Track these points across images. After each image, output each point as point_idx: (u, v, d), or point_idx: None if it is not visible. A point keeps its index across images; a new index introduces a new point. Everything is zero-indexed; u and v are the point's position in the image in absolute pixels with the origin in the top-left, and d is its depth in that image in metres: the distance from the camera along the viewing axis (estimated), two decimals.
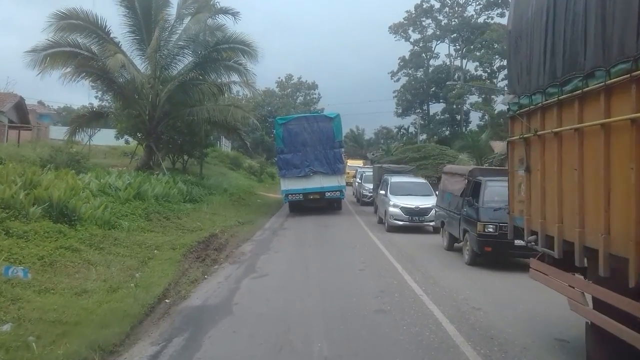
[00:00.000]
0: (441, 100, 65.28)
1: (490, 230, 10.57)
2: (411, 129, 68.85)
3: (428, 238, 15.88)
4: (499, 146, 36.05)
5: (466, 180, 12.00)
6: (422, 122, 64.16)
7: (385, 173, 21.68)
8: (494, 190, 11.06)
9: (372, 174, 27.34)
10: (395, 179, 18.64)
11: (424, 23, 65.85)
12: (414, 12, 65.21)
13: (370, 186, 26.17)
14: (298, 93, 73.18)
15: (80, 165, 21.07)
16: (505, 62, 61.50)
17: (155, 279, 9.55)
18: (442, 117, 65.45)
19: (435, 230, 16.76)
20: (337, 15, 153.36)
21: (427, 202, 16.77)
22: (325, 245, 14.28)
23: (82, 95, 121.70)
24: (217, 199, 23.67)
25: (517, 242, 10.35)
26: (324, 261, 11.83)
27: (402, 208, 16.51)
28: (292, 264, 11.59)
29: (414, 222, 16.53)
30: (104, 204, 13.68)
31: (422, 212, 16.47)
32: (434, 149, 43.37)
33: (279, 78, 74.23)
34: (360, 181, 28.42)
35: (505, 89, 56.76)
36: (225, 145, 49.73)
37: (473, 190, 11.56)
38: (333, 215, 22.39)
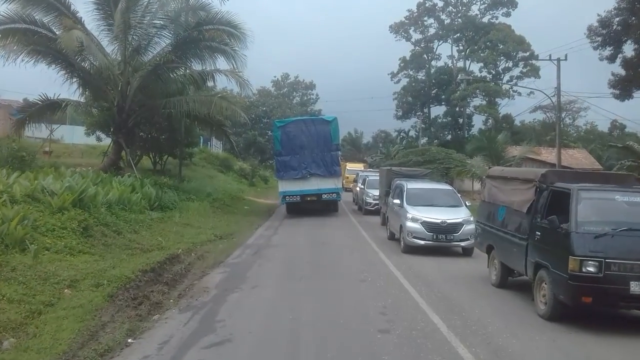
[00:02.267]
0: (443, 103, 61.31)
1: (591, 270, 6.39)
2: (411, 133, 64.91)
3: (460, 264, 11.66)
4: (512, 150, 32.05)
5: (536, 189, 7.81)
6: (423, 126, 60.12)
7: (396, 177, 17.45)
8: (594, 206, 6.91)
9: (376, 178, 23.25)
10: (412, 185, 14.27)
11: (425, 22, 61.95)
12: (415, 10, 61.31)
13: (375, 192, 21.98)
14: (295, 93, 68.89)
15: (24, 164, 16.92)
16: (510, 64, 58.07)
17: (30, 356, 5.37)
18: (444, 120, 61.37)
19: (465, 252, 12.62)
20: (332, 20, 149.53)
21: (456, 215, 12.57)
22: (324, 276, 10.05)
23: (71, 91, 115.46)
24: (195, 205, 19.48)
25: (635, 288, 6.32)
26: (322, 310, 7.59)
27: (423, 223, 12.29)
28: (274, 315, 7.35)
29: (440, 242, 12.31)
30: (20, 215, 9.47)
31: (450, 229, 12.25)
32: (439, 153, 39.37)
33: (275, 77, 70.10)
34: (362, 186, 24.12)
35: (512, 89, 52.99)
36: (216, 146, 45.47)
37: (551, 203, 7.39)
38: (332, 228, 18.21)
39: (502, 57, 55.95)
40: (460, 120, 59.53)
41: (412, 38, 62.46)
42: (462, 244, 12.30)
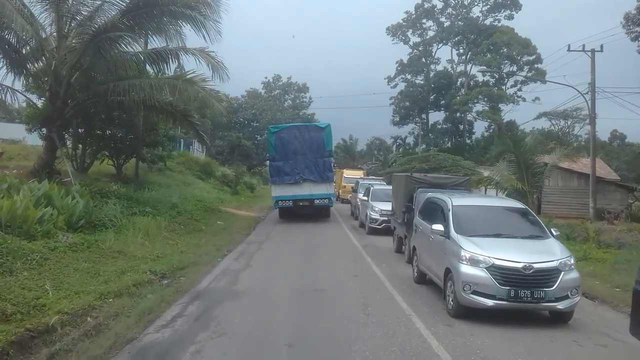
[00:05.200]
0: (442, 109, 56.33)
1: None
2: (408, 139, 59.87)
3: (573, 350, 6.24)
4: (541, 157, 26.74)
5: None
6: (421, 132, 55.04)
7: (420, 187, 11.95)
8: None
9: (383, 188, 17.95)
10: (459, 202, 8.42)
11: (424, 25, 57.11)
12: (413, 12, 56.46)
13: (383, 206, 16.60)
14: (287, 96, 63.21)
15: None
16: (515, 68, 53.13)
17: None
18: (443, 126, 56.34)
19: (559, 317, 7.17)
20: (326, 30, 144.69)
21: (547, 255, 7.07)
22: None
23: None
24: (145, 222, 13.81)
25: None
26: None
27: (492, 269, 6.82)
28: None
29: (523, 303, 6.80)
30: None
31: (538, 280, 6.74)
32: (446, 159, 34.25)
33: (266, 78, 64.57)
34: (365, 198, 18.57)
35: (516, 94, 47.94)
36: (198, 150, 39.92)
37: None
38: (330, 258, 12.76)
39: (506, 61, 51.15)
40: (461, 127, 54.54)
41: (410, 41, 57.70)
42: (560, 305, 6.86)
